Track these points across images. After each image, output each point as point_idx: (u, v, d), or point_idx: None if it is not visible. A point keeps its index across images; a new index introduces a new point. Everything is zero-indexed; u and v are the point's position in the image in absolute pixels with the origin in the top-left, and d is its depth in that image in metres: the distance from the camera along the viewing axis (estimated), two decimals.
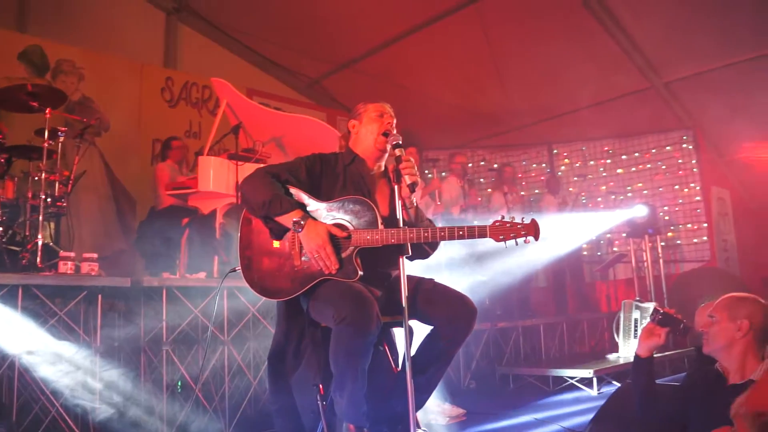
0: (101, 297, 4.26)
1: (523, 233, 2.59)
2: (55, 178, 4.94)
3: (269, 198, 2.64)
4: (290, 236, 2.71)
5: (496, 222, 2.61)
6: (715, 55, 7.80)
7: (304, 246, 2.65)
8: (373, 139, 2.93)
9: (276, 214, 2.66)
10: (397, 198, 2.71)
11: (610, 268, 9.02)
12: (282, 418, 2.88)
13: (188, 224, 5.59)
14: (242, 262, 2.77)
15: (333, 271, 2.63)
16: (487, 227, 2.61)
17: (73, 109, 6.96)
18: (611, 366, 6.09)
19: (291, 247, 2.72)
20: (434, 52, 8.39)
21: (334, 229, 2.66)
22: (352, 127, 3.04)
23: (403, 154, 2.77)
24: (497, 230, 2.60)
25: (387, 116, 2.98)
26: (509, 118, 9.69)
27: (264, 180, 2.71)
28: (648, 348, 2.74)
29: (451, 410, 4.98)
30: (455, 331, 2.73)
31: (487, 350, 6.84)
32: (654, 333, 2.72)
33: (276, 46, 8.88)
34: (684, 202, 9.38)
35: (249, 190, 2.71)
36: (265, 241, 2.77)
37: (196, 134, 8.18)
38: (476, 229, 2.62)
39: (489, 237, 2.60)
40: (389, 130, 2.92)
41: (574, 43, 7.68)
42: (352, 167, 2.95)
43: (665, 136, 9.52)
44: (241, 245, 2.80)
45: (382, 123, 2.95)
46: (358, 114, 3.02)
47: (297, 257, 2.69)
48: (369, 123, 2.96)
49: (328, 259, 2.61)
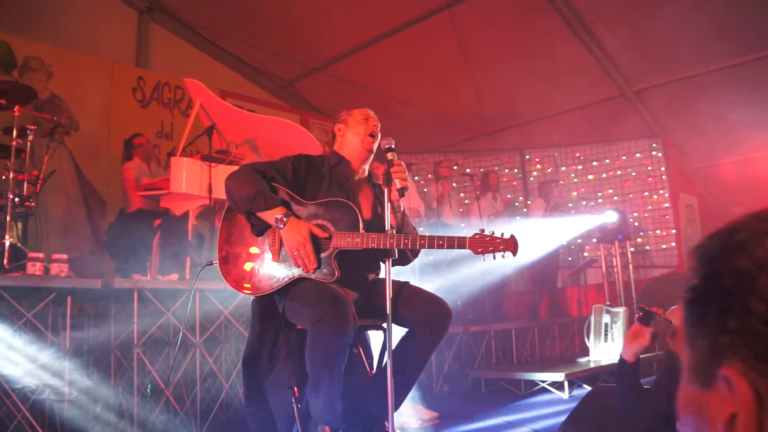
0: (71, 299, 4.18)
1: (502, 248, 2.63)
2: (24, 178, 4.84)
3: (253, 193, 2.63)
4: (271, 233, 2.71)
5: (476, 234, 2.65)
6: (685, 65, 7.96)
7: (285, 243, 2.64)
8: (360, 140, 2.97)
9: (259, 210, 2.65)
10: (386, 201, 2.73)
11: (581, 273, 9.12)
12: (256, 423, 2.85)
13: (160, 226, 5.53)
14: (220, 255, 2.77)
15: (311, 270, 2.63)
16: (466, 239, 2.64)
17: (42, 108, 6.83)
18: (582, 370, 6.15)
19: (271, 243, 2.72)
20: (408, 56, 8.44)
21: (316, 229, 2.67)
22: (338, 130, 3.07)
23: (395, 158, 2.81)
24: (476, 243, 2.63)
25: (372, 120, 3.04)
26: (482, 124, 9.76)
27: (250, 176, 2.70)
28: (634, 351, 2.59)
29: (424, 413, 4.99)
30: (431, 333, 2.74)
31: (460, 354, 6.86)
32: (639, 334, 2.58)
33: (249, 47, 8.84)
34: (653, 209, 9.52)
35: (234, 185, 2.70)
36: (245, 236, 2.77)
37: (168, 135, 8.10)
38: (456, 240, 2.65)
39: (468, 249, 2.64)
40: (375, 132, 2.99)
41: (547, 50, 7.78)
42: (338, 169, 2.97)
43: (635, 143, 9.67)
44: (220, 239, 2.80)
45: (368, 125, 3.00)
46: (343, 119, 3.07)
47: (276, 254, 2.69)
48: (355, 125, 3.01)
49: (307, 257, 2.61)
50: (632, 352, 2.58)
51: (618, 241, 8.50)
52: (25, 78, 6.98)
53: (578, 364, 6.49)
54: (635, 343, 2.57)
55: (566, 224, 8.49)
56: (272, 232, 2.70)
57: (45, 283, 4.11)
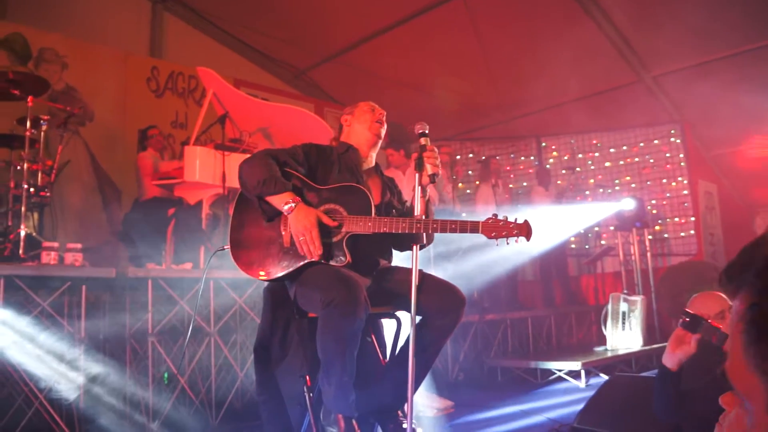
0: (85, 288, 4.19)
1: (516, 233, 2.59)
2: (38, 168, 4.86)
3: (264, 177, 2.61)
4: (283, 218, 2.69)
5: (489, 219, 2.62)
6: (704, 49, 7.81)
7: (292, 228, 2.62)
8: (367, 126, 3.00)
9: (269, 193, 2.63)
10: (417, 185, 2.71)
11: (597, 261, 9.04)
12: (268, 410, 2.84)
13: (174, 215, 5.53)
14: (232, 241, 2.75)
15: (316, 257, 2.60)
16: (479, 223, 2.61)
17: (57, 98, 6.85)
18: (599, 358, 6.10)
19: (283, 228, 2.71)
20: (422, 44, 8.35)
21: (325, 217, 2.64)
22: (345, 121, 3.09)
23: (428, 144, 2.80)
24: (490, 227, 2.60)
25: (378, 110, 3.05)
26: (498, 111, 9.67)
27: (262, 161, 2.68)
28: (678, 360, 2.38)
29: (439, 402, 4.97)
30: (445, 321, 2.71)
31: (475, 343, 6.83)
32: (684, 341, 2.36)
33: (263, 36, 8.80)
34: (671, 196, 9.39)
35: (246, 169, 2.68)
36: (256, 221, 2.75)
37: (183, 124, 8.10)
38: (469, 224, 2.62)
39: (481, 233, 2.61)
40: (382, 120, 3.01)
41: (563, 36, 7.66)
42: (346, 156, 2.97)
43: (653, 129, 9.54)
44: (232, 224, 2.79)
45: (375, 114, 3.02)
46: (351, 111, 3.09)
47: (287, 239, 2.67)
48: (362, 115, 3.03)
49: (312, 243, 2.58)
50: (676, 361, 2.39)
51: (636, 229, 8.42)
52: (41, 69, 7.00)
53: (595, 353, 6.45)
54: (679, 351, 2.37)
55: (580, 212, 8.41)
56: (284, 217, 2.68)
57: (60, 272, 4.12)
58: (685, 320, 2.33)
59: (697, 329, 2.30)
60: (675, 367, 2.38)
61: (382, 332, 3.06)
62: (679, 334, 2.35)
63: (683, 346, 2.34)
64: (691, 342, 2.31)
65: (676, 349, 2.37)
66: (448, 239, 6.60)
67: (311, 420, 2.59)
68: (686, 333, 2.33)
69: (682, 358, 2.36)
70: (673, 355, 2.37)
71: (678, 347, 2.36)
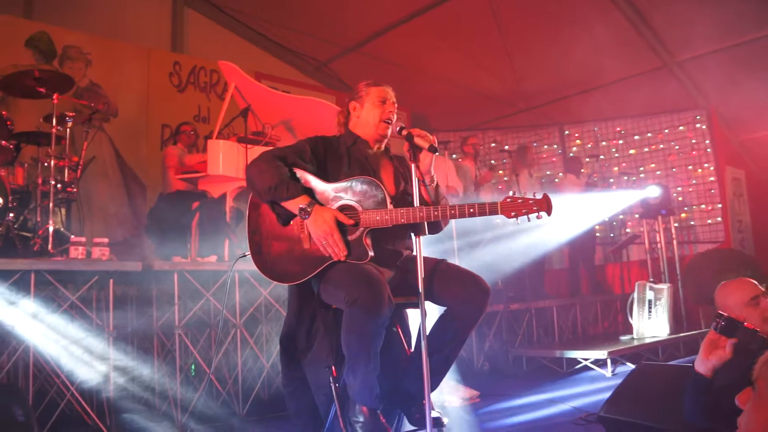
0: (112, 281, 4.25)
1: (535, 209, 2.54)
2: (65, 164, 4.93)
3: (275, 183, 2.59)
4: (299, 219, 2.66)
5: (507, 198, 2.56)
6: (730, 33, 7.68)
7: (312, 232, 2.61)
8: (374, 125, 2.90)
9: (282, 199, 2.62)
10: (414, 176, 2.63)
11: (623, 250, 8.95)
12: (295, 401, 2.86)
13: (198, 208, 5.58)
14: (252, 247, 2.74)
15: (342, 258, 2.59)
16: (498, 204, 2.56)
17: (81, 95, 6.96)
18: (625, 347, 6.05)
19: (300, 230, 2.68)
20: (443, 33, 8.31)
21: (341, 216, 2.61)
22: (353, 109, 2.98)
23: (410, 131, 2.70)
24: (509, 206, 2.55)
25: (389, 104, 2.93)
26: (520, 100, 9.61)
27: (271, 164, 2.65)
28: (712, 366, 2.21)
29: (465, 392, 4.97)
30: (468, 311, 2.68)
31: (500, 332, 6.81)
32: (718, 346, 2.19)
33: (283, 29, 8.81)
34: (698, 183, 9.27)
35: (255, 174, 2.65)
36: (273, 224, 2.73)
37: (205, 119, 8.16)
38: (487, 206, 2.57)
39: (500, 213, 2.55)
40: (391, 117, 2.89)
41: (586, 22, 7.57)
42: (354, 148, 2.91)
43: (678, 115, 9.41)
44: (249, 230, 2.76)
45: (384, 110, 2.90)
46: (360, 96, 2.96)
47: (306, 240, 2.66)
48: (371, 108, 2.91)
49: (336, 245, 2.58)
50: (710, 367, 2.21)
51: (661, 217, 8.32)
52: (65, 67, 7.09)
53: (621, 342, 6.40)
54: (713, 357, 2.20)
55: (605, 200, 8.32)
56: (300, 219, 2.66)
57: (87, 266, 4.18)
58: (720, 323, 2.17)
59: (734, 333, 2.14)
60: (709, 373, 2.22)
61: (407, 322, 3.06)
62: (713, 339, 2.21)
63: (717, 352, 2.18)
64: (726, 347, 2.15)
65: (709, 354, 2.21)
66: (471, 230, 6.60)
67: (337, 410, 2.60)
68: (720, 337, 2.18)
69: (717, 364, 2.19)
70: (707, 361, 2.21)
71: (712, 353, 2.20)
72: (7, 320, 3.82)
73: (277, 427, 4.26)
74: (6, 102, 6.26)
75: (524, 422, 4.16)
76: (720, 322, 2.17)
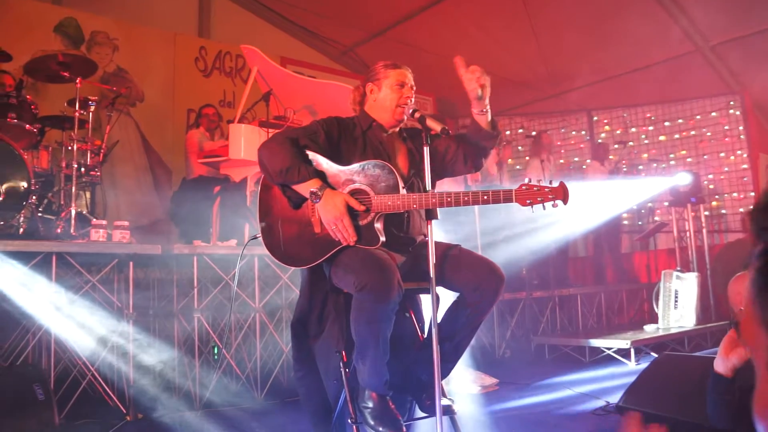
0: (133, 264, 4.30)
1: (551, 197, 2.47)
2: (87, 148, 4.98)
3: (287, 165, 2.56)
4: (310, 203, 2.64)
5: (522, 186, 2.50)
6: (765, 17, 7.44)
7: (322, 217, 2.58)
8: (391, 110, 2.82)
9: (293, 183, 2.59)
10: (426, 161, 2.57)
11: (650, 238, 8.80)
12: (305, 386, 2.86)
13: (219, 192, 5.61)
14: (262, 229, 2.72)
15: (351, 243, 2.56)
16: (513, 191, 2.50)
17: (108, 80, 7.04)
18: (649, 337, 5.96)
19: (311, 214, 2.66)
20: (470, 18, 8.20)
21: (352, 201, 2.58)
22: (370, 91, 2.89)
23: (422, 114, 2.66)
24: (524, 194, 2.49)
25: (407, 88, 2.84)
26: (547, 85, 9.45)
27: (282, 146, 2.62)
28: (732, 365, 2.16)
29: (485, 379, 4.94)
30: (481, 298, 2.63)
31: (523, 320, 6.76)
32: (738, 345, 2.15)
33: (309, 14, 8.79)
34: (730, 170, 9.05)
35: (267, 155, 2.62)
36: (284, 207, 2.71)
37: (231, 103, 8.19)
38: (501, 193, 2.51)
39: (515, 201, 2.50)
40: (408, 103, 2.81)
41: (616, 6, 7.41)
42: (370, 133, 2.85)
43: (711, 101, 9.18)
44: (260, 212, 2.75)
45: (402, 95, 2.82)
46: (377, 78, 2.87)
47: (317, 224, 2.63)
48: (389, 91, 2.83)
49: (345, 231, 2.55)
50: (730, 366, 2.16)
51: (691, 205, 8.15)
52: (93, 52, 7.17)
53: (645, 332, 6.30)
54: (734, 356, 2.15)
55: (632, 187, 8.18)
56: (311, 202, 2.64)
57: (108, 249, 4.23)
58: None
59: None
60: (729, 373, 2.16)
61: (420, 308, 3.03)
62: (733, 337, 2.16)
63: (738, 350, 2.13)
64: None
65: (729, 353, 2.16)
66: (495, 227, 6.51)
67: (347, 395, 2.59)
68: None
69: (737, 363, 2.14)
70: (727, 360, 2.16)
71: (732, 351, 2.15)
72: (30, 302, 3.89)
73: (296, 410, 4.28)
74: (36, 88, 6.35)
75: (541, 411, 4.12)
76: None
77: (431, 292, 2.48)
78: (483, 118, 2.72)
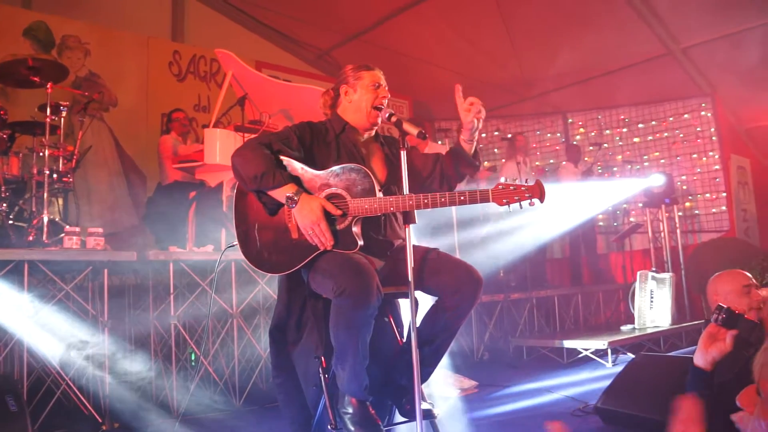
0: (107, 271, 4.23)
1: (528, 195, 2.48)
2: (59, 154, 4.89)
3: (262, 171, 2.53)
4: (286, 208, 2.61)
5: (498, 185, 2.50)
6: (735, 20, 7.56)
7: (299, 222, 2.56)
8: (366, 111, 2.80)
9: (269, 188, 2.56)
10: (404, 164, 2.55)
11: (626, 239, 8.89)
12: (284, 393, 2.84)
13: (195, 197, 5.55)
14: (239, 236, 2.69)
15: (328, 248, 2.54)
16: (489, 191, 2.50)
17: (80, 85, 6.93)
18: (626, 338, 6.01)
19: (288, 220, 2.63)
20: (445, 21, 8.22)
21: (329, 205, 2.56)
22: (345, 93, 2.86)
23: (399, 117, 2.65)
24: (500, 194, 2.49)
25: (382, 89, 2.83)
26: (523, 88, 9.52)
27: (255, 152, 2.58)
28: (711, 359, 2.16)
29: (464, 382, 4.95)
30: (460, 301, 2.62)
31: (501, 322, 6.78)
32: (718, 338, 2.16)
33: (284, 17, 8.74)
34: (702, 171, 9.19)
35: (240, 162, 2.59)
36: (260, 214, 2.68)
37: (206, 108, 8.12)
38: (478, 193, 2.52)
39: (492, 201, 2.50)
40: (383, 105, 2.79)
41: (589, 10, 7.48)
42: (344, 136, 2.83)
43: (683, 103, 9.32)
44: (236, 219, 2.71)
45: (377, 96, 2.81)
46: (350, 80, 2.85)
47: (294, 230, 2.61)
48: (364, 93, 2.81)
49: (322, 235, 2.53)
50: (709, 360, 2.16)
51: (665, 206, 8.25)
52: (64, 56, 7.05)
53: (622, 332, 6.36)
54: (713, 349, 2.16)
55: (607, 189, 8.26)
56: (288, 208, 2.60)
57: (81, 256, 4.16)
58: (721, 316, 2.16)
59: (735, 325, 2.12)
60: (709, 366, 2.17)
61: (399, 312, 3.02)
62: (713, 332, 2.17)
63: (717, 344, 2.15)
64: (726, 339, 2.12)
65: (709, 347, 2.16)
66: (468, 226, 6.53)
67: (327, 401, 2.57)
68: (720, 329, 2.16)
69: (717, 356, 2.15)
70: (707, 353, 2.17)
71: (712, 345, 2.16)
72: (1, 311, 3.81)
73: (275, 417, 4.24)
74: (5, 93, 6.24)
75: (520, 413, 4.14)
76: (721, 314, 2.15)
77: (410, 296, 2.47)
78: (469, 146, 2.79)
